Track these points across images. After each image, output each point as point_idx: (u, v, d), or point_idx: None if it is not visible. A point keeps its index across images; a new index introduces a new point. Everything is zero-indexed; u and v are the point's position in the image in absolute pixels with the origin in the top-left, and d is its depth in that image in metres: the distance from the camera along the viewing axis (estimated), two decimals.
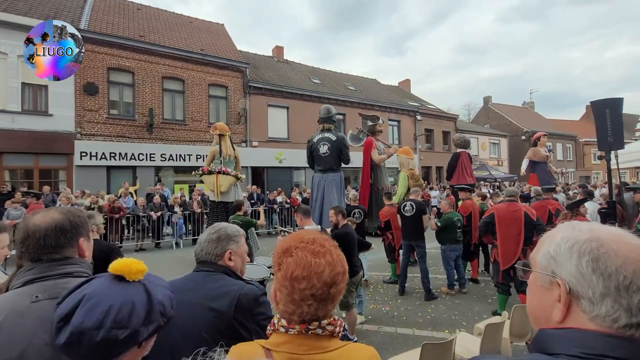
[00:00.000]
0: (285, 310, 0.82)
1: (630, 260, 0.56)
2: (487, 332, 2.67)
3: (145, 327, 0.69)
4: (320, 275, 0.80)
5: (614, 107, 3.34)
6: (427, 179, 20.78)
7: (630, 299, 0.55)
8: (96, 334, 0.64)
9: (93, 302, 0.67)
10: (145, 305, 0.71)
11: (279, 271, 0.84)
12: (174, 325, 1.21)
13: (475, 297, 5.17)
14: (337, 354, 0.81)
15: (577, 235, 0.62)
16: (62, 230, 1.07)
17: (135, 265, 0.74)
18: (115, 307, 0.67)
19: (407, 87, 27.24)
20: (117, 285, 0.72)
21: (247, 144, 14.86)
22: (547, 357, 0.57)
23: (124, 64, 12.35)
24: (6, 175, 10.64)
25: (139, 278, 0.74)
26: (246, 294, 1.24)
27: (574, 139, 30.93)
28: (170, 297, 0.79)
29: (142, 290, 0.73)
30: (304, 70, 20.07)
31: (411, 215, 5.20)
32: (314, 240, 0.86)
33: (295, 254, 0.82)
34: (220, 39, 16.34)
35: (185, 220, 9.98)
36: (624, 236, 0.60)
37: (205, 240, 1.39)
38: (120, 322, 0.66)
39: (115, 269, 0.72)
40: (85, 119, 11.54)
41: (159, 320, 0.72)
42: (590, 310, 0.58)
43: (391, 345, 3.60)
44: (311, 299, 0.80)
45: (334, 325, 0.83)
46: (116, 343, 0.65)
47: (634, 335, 0.55)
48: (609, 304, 0.56)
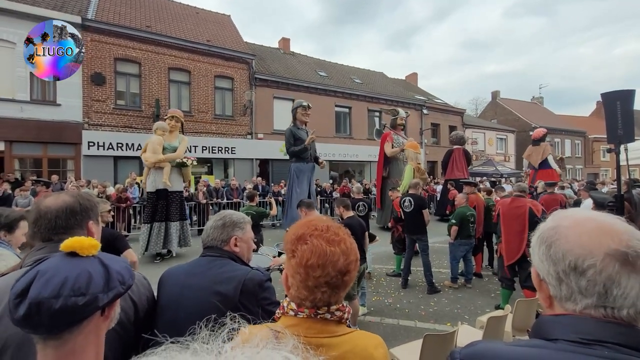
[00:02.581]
0: (298, 295, 0.83)
1: (577, 245, 0.58)
2: (489, 325, 2.68)
3: (105, 294, 0.70)
4: (335, 263, 0.80)
5: (625, 99, 3.25)
6: (433, 173, 20.66)
7: (578, 282, 0.58)
8: (55, 302, 0.64)
9: (48, 275, 0.68)
10: (103, 274, 0.72)
11: (292, 258, 0.84)
12: (181, 307, 1.24)
13: (479, 292, 5.17)
14: (345, 339, 0.82)
15: (545, 225, 0.66)
16: (73, 212, 1.10)
17: (88, 241, 0.74)
18: (71, 277, 0.68)
19: (414, 81, 26.95)
20: (71, 260, 0.72)
21: (252, 136, 14.87)
22: (546, 342, 0.58)
23: (131, 55, 12.36)
24: (15, 164, 10.80)
25: (92, 253, 0.74)
26: (251, 278, 1.26)
27: (583, 135, 30.45)
28: (128, 269, 0.79)
29: (97, 263, 0.74)
30: (310, 62, 19.91)
31: (410, 210, 5.20)
32: (328, 228, 0.85)
33: (311, 242, 0.82)
34: (227, 30, 16.25)
35: (191, 211, 10.06)
36: (587, 221, 0.61)
37: (211, 227, 1.41)
38: (78, 290, 0.67)
39: (66, 246, 0.73)
40: (92, 109, 11.62)
41: (118, 287, 0.73)
42: (555, 294, 0.62)
43: (393, 337, 3.63)
44: (325, 287, 0.80)
45: (342, 311, 0.84)
46: (76, 309, 0.66)
47: (606, 314, 0.56)
48: (564, 288, 0.60)
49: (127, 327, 1.12)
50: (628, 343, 0.53)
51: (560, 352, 0.55)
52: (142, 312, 1.19)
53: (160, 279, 1.37)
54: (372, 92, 19.10)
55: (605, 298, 0.56)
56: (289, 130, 6.26)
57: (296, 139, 6.16)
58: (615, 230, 0.58)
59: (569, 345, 0.55)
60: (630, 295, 0.54)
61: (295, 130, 6.21)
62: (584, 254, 0.57)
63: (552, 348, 0.56)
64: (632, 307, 0.55)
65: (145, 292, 1.24)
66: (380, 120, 9.23)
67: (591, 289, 0.56)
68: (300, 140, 6.14)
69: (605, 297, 0.56)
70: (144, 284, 1.26)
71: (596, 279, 0.56)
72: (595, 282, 0.56)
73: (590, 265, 0.56)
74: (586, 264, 0.56)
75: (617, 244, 0.56)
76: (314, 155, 6.46)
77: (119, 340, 1.08)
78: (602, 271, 0.55)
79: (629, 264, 0.55)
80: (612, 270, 0.55)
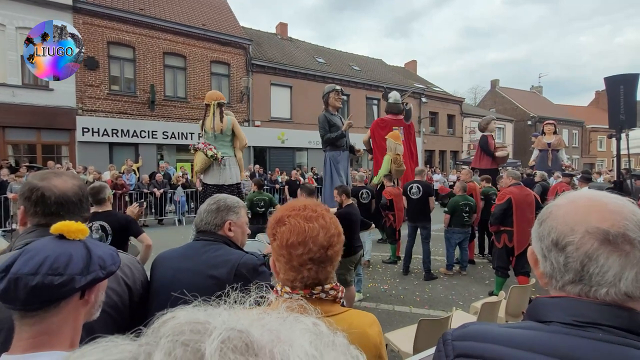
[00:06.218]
0: (287, 278, 0.84)
1: (562, 222, 0.59)
2: (483, 311, 2.71)
3: (83, 276, 0.72)
4: (315, 239, 0.81)
5: (629, 83, 3.19)
6: (430, 162, 20.67)
7: (557, 258, 0.58)
8: (32, 279, 0.67)
9: (31, 254, 0.71)
10: (84, 257, 0.74)
11: (274, 241, 0.85)
12: (175, 291, 1.22)
13: (473, 279, 5.24)
14: (340, 318, 0.83)
15: (546, 206, 0.66)
16: (85, 196, 1.12)
17: (76, 225, 0.77)
18: (51, 257, 0.70)
19: (414, 69, 26.65)
20: (57, 242, 0.75)
21: (249, 123, 14.73)
22: (539, 324, 0.58)
23: (125, 38, 12.07)
24: (9, 150, 10.67)
25: (79, 237, 0.77)
26: (245, 262, 1.25)
27: (581, 125, 30.45)
28: (112, 255, 0.81)
29: (81, 246, 0.76)
30: (308, 48, 19.59)
31: (418, 197, 5.17)
32: (305, 207, 0.87)
33: (289, 222, 0.83)
34: (223, 14, 15.88)
35: (188, 197, 10.05)
36: (580, 199, 0.61)
37: (205, 211, 1.39)
38: (56, 270, 0.69)
39: (55, 229, 0.75)
40: (86, 95, 11.41)
41: (98, 271, 0.75)
42: (543, 271, 0.62)
43: (388, 322, 3.68)
44: (310, 263, 0.81)
45: (336, 290, 0.86)
46: (52, 288, 0.68)
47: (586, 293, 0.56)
48: (548, 264, 0.60)
49: (121, 311, 1.12)
50: (623, 325, 0.53)
51: (553, 335, 0.54)
52: (136, 296, 1.19)
53: (153, 262, 1.36)
54: (370, 79, 18.89)
55: (581, 275, 0.56)
56: (323, 116, 5.71)
57: (331, 125, 5.65)
58: (606, 209, 0.57)
59: (562, 328, 0.55)
60: (607, 274, 0.54)
61: (329, 116, 5.70)
62: (565, 231, 0.58)
63: (545, 330, 0.56)
64: (612, 286, 0.54)
65: (140, 277, 1.24)
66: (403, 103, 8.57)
67: (569, 265, 0.57)
68: (335, 126, 5.69)
69: (581, 274, 0.56)
70: (139, 268, 1.26)
71: (573, 256, 0.56)
72: (573, 259, 0.57)
73: (569, 242, 0.57)
74: (565, 240, 0.57)
75: (600, 222, 0.55)
76: (349, 143, 6.00)
77: (113, 324, 1.08)
78: (578, 248, 0.56)
79: (608, 243, 0.54)
80: (590, 248, 0.55)
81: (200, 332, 0.26)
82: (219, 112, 4.62)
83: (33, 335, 0.69)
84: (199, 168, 4.57)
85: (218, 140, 4.56)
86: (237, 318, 0.29)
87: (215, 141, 4.55)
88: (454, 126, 23.20)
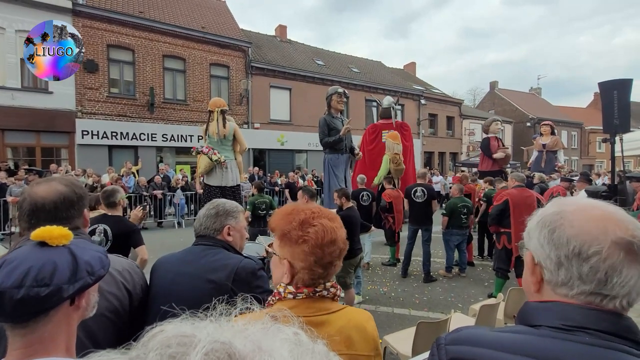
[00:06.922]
0: (311, 277, 0.86)
1: (583, 231, 0.58)
2: (481, 313, 2.71)
3: (71, 285, 0.69)
4: (341, 236, 0.91)
5: (622, 88, 3.24)
6: (430, 164, 20.68)
7: (580, 268, 0.57)
8: (17, 292, 0.64)
9: (13, 265, 0.67)
10: (70, 264, 0.71)
11: (304, 243, 0.85)
12: (174, 295, 1.23)
13: (472, 281, 5.24)
14: (339, 315, 0.87)
15: (546, 210, 0.65)
16: (71, 202, 1.08)
17: (58, 230, 0.73)
18: (35, 267, 0.67)
19: (413, 71, 26.70)
20: (39, 250, 0.71)
21: (248, 125, 14.74)
22: (529, 328, 0.59)
23: (124, 41, 12.10)
24: (8, 153, 10.66)
25: (62, 243, 0.73)
26: (244, 267, 1.26)
27: (579, 126, 30.54)
28: (101, 259, 0.79)
29: (66, 253, 0.73)
30: (307, 51, 19.64)
31: (422, 201, 5.17)
32: (319, 209, 0.93)
33: (318, 223, 0.87)
34: (222, 17, 15.93)
35: (187, 200, 10.04)
36: (592, 209, 0.60)
37: (204, 216, 1.40)
38: (41, 281, 0.66)
39: (36, 235, 0.72)
40: (85, 97, 11.43)
41: (86, 278, 0.72)
42: (550, 279, 0.61)
43: (387, 324, 3.68)
44: (338, 259, 0.89)
45: (335, 287, 0.90)
46: (38, 300, 0.65)
47: (597, 303, 0.56)
48: (563, 273, 0.59)
49: (122, 315, 1.12)
50: (609, 329, 0.54)
51: (542, 338, 0.55)
52: (137, 301, 1.19)
53: (153, 266, 1.37)
54: (370, 81, 18.94)
55: (604, 285, 0.55)
56: (323, 120, 5.71)
57: (331, 129, 5.61)
58: (620, 219, 0.57)
59: (550, 332, 0.56)
60: (628, 284, 0.54)
61: (329, 120, 5.67)
62: (589, 240, 0.56)
63: (534, 334, 0.57)
64: (626, 296, 0.55)
65: (140, 281, 1.24)
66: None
67: (592, 275, 0.56)
68: (335, 130, 5.70)
69: (605, 285, 0.55)
70: (139, 273, 1.26)
71: (599, 266, 0.55)
72: (597, 269, 0.56)
73: (596, 252, 0.56)
74: (591, 250, 0.56)
75: (624, 232, 0.55)
76: (350, 145, 6.00)
77: (112, 328, 1.08)
78: (606, 259, 0.55)
79: (633, 253, 0.54)
80: (617, 259, 0.55)
81: (186, 344, 0.28)
82: (222, 118, 4.92)
83: (25, 345, 0.67)
84: (202, 170, 4.85)
85: (221, 144, 4.88)
86: (222, 330, 0.31)
87: (218, 146, 4.86)
88: (453, 128, 23.24)
